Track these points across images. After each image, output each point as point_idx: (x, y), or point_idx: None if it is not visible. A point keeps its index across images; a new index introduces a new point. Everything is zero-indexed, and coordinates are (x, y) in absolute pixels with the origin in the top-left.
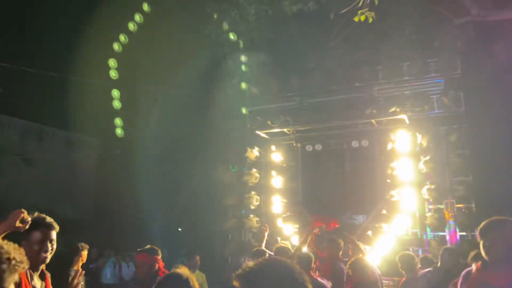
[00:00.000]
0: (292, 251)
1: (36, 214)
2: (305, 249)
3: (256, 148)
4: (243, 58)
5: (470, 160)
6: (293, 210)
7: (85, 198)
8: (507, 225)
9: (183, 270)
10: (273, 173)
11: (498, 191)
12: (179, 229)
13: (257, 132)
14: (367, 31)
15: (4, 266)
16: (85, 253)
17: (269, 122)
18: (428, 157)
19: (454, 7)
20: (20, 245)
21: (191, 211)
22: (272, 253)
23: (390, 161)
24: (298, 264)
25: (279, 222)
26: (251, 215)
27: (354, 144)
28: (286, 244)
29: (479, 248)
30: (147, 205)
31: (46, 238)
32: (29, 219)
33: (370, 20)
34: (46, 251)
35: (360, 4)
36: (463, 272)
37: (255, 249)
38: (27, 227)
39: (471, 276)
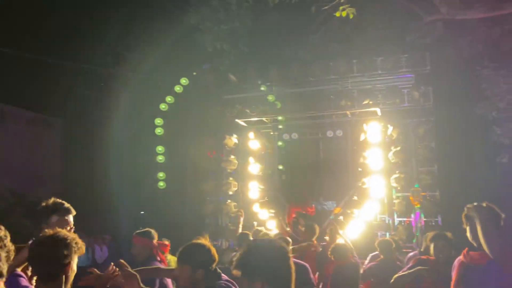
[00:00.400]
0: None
1: (52, 199)
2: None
3: (234, 135)
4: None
5: (436, 152)
6: (270, 196)
7: (53, 180)
8: (489, 210)
9: (205, 240)
10: (251, 160)
11: (461, 180)
12: (142, 212)
13: (237, 120)
14: (343, 25)
15: (76, 249)
16: None
17: (247, 111)
18: (397, 148)
19: (424, 5)
20: (41, 228)
21: (164, 195)
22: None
23: (362, 150)
24: None
25: (256, 207)
26: (229, 200)
27: (329, 134)
28: (262, 229)
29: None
30: (118, 187)
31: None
32: None
33: (351, 16)
34: None
35: (342, 0)
36: (455, 262)
37: (239, 233)
38: None
39: (458, 263)
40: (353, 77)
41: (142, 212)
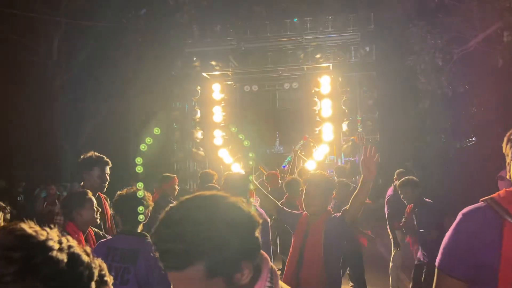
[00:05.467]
0: None
1: (92, 152)
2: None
3: (199, 87)
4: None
5: (377, 101)
6: (233, 143)
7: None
8: None
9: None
10: (214, 110)
11: (395, 124)
12: None
13: (203, 74)
14: None
15: None
16: None
17: (213, 63)
18: (345, 98)
19: None
20: (83, 179)
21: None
22: None
23: (316, 100)
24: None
25: (220, 153)
26: (196, 148)
27: (286, 86)
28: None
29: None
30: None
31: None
32: None
33: None
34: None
35: None
36: (473, 209)
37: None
38: None
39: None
40: (307, 33)
41: None
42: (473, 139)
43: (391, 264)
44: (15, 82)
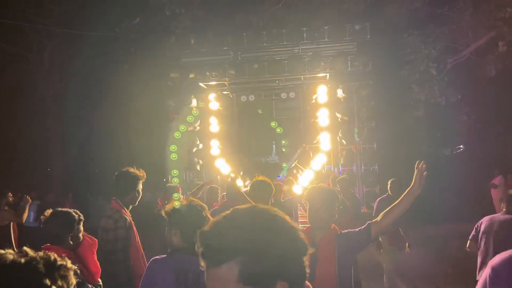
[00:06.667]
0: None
1: (130, 168)
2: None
3: (195, 97)
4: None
5: (373, 110)
6: (230, 153)
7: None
8: None
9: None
10: (211, 120)
11: (393, 133)
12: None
13: (199, 84)
14: None
15: None
16: None
17: (208, 74)
18: (342, 108)
19: None
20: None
21: (133, 154)
22: None
23: (313, 110)
24: None
25: (217, 163)
26: (194, 158)
27: (283, 95)
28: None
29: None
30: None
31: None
32: None
33: None
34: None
35: None
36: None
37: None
38: None
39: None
40: (303, 43)
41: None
42: (461, 146)
43: (384, 266)
44: (6, 91)
